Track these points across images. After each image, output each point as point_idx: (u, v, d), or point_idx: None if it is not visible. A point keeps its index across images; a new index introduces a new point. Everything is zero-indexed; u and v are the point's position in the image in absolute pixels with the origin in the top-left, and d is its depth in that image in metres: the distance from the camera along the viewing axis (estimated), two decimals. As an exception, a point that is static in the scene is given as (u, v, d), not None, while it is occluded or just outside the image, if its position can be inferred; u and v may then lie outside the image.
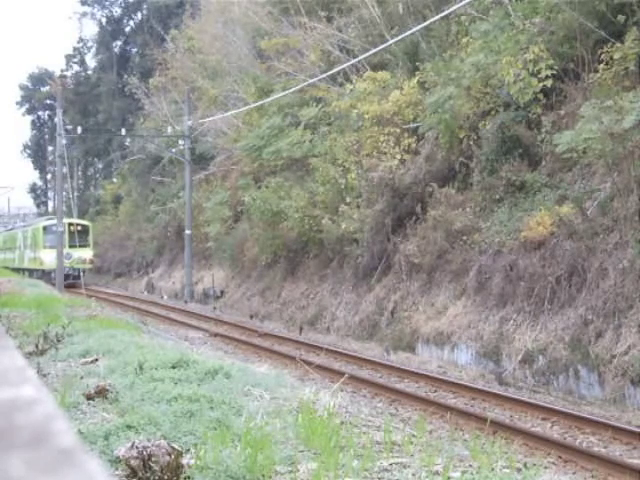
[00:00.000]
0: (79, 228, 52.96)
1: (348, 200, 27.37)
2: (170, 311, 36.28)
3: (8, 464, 1.03)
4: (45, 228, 54.61)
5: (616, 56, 18.65)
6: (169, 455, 6.05)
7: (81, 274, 49.28)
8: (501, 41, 21.64)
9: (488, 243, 20.83)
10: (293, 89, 32.01)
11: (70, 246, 50.25)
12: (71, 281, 49.73)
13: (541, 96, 20.99)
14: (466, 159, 23.76)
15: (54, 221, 51.44)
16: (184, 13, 57.77)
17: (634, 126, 16.45)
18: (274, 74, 37.31)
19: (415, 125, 26.50)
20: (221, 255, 39.44)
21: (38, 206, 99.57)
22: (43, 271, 53.28)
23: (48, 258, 51.68)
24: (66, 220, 51.09)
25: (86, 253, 53.10)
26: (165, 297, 44.77)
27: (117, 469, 6.14)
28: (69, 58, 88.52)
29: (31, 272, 56.10)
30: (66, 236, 49.22)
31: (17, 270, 60.99)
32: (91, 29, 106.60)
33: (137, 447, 6.08)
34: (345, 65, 29.53)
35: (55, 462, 1.04)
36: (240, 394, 8.99)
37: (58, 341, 13.86)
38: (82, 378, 10.55)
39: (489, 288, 20.06)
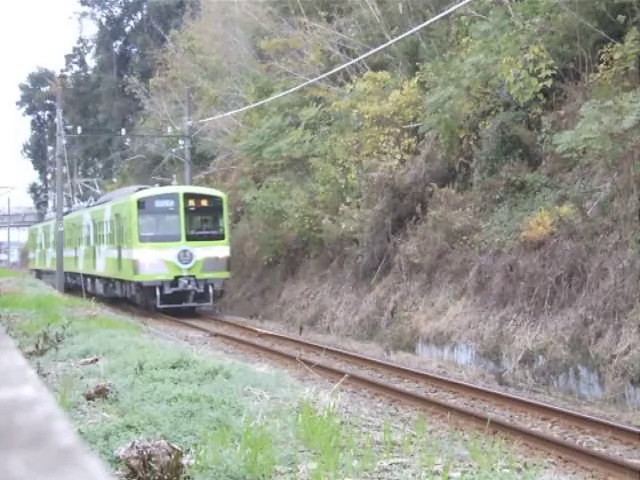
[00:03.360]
0: (204, 204, 31.66)
1: (348, 200, 27.37)
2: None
3: (8, 464, 1.03)
4: (141, 204, 31.26)
5: (616, 56, 18.64)
6: (169, 455, 6.05)
7: (211, 291, 30.62)
8: (501, 41, 21.64)
9: (488, 243, 20.83)
10: (293, 89, 32.01)
11: (189, 238, 30.54)
12: (191, 304, 30.89)
13: (541, 96, 20.98)
14: (466, 159, 23.76)
15: (157, 190, 33.74)
16: (184, 13, 57.77)
17: (634, 126, 16.45)
18: (274, 74, 37.31)
19: (415, 125, 26.49)
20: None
21: (38, 206, 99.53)
22: (140, 286, 31.07)
23: (149, 261, 30.26)
24: (179, 189, 32.49)
25: (219, 250, 30.95)
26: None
27: (117, 469, 6.14)
28: (69, 58, 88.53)
29: (109, 286, 35.80)
30: (180, 219, 30.67)
31: (76, 277, 42.28)
32: (91, 29, 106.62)
33: (137, 447, 6.08)
34: (345, 65, 29.53)
35: (55, 462, 1.04)
36: (240, 394, 8.99)
37: (58, 341, 13.86)
38: (82, 378, 10.55)
39: (489, 288, 20.05)
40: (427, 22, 24.32)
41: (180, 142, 42.86)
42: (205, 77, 46.07)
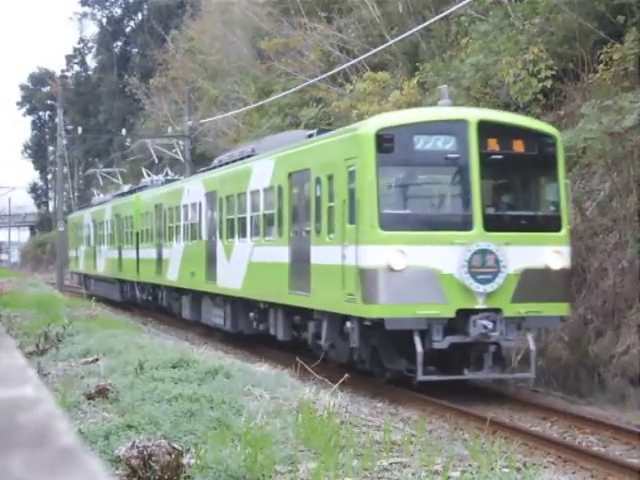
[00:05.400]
0: (520, 149, 14.96)
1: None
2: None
3: (9, 464, 1.04)
4: (385, 141, 14.15)
5: (615, 56, 18.65)
6: (169, 454, 6.07)
7: (532, 346, 14.37)
8: (501, 41, 21.65)
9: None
10: (293, 89, 32.02)
11: (490, 225, 14.44)
12: (486, 374, 14.60)
13: (541, 96, 20.99)
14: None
15: (417, 114, 16.20)
16: (184, 13, 57.76)
17: (634, 126, 16.46)
18: (274, 74, 37.31)
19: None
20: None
21: (39, 206, 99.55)
22: (374, 327, 14.34)
23: (403, 275, 13.96)
24: (467, 113, 15.16)
25: (551, 253, 14.67)
26: None
27: (117, 468, 6.15)
28: (69, 58, 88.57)
29: (261, 317, 19.64)
30: (472, 180, 14.42)
31: (143, 289, 30.51)
32: (91, 29, 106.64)
33: (137, 447, 6.10)
34: (345, 65, 29.53)
35: (55, 462, 1.05)
36: (240, 394, 9.00)
37: (59, 341, 13.88)
38: (82, 378, 10.57)
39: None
40: (427, 22, 24.32)
41: (180, 142, 42.87)
42: (205, 77, 46.08)
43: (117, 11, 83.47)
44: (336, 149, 15.56)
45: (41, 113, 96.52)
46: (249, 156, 20.99)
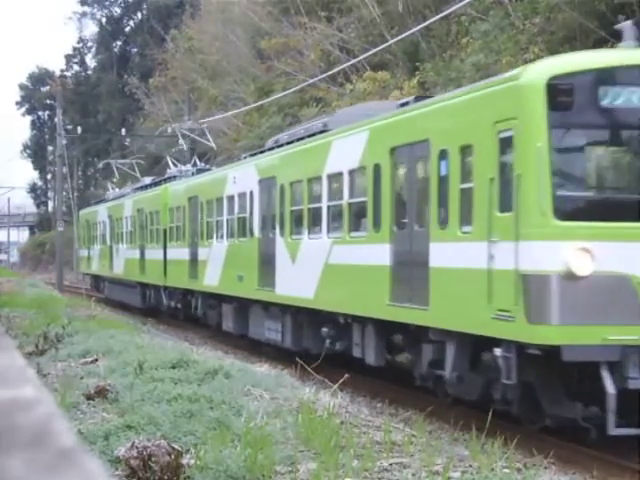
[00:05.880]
0: None
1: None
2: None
3: (8, 464, 1.03)
4: (560, 94, 10.05)
5: (616, 56, 18.67)
6: (169, 455, 6.05)
7: None
8: (501, 41, 21.66)
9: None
10: (293, 89, 32.02)
11: None
12: None
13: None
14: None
15: (606, 55, 12.23)
16: (184, 13, 57.79)
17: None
18: (274, 74, 37.32)
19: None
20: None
21: (38, 206, 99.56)
22: (548, 359, 10.18)
23: (591, 283, 9.90)
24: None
25: None
26: None
27: (117, 469, 6.14)
28: (69, 58, 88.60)
29: (387, 343, 14.40)
30: None
31: (175, 297, 26.20)
32: (91, 29, 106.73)
33: (137, 447, 6.08)
34: (345, 65, 29.53)
35: (55, 462, 1.04)
36: (240, 394, 8.99)
37: (58, 341, 13.87)
38: (82, 378, 10.56)
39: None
40: (427, 22, 24.31)
41: (180, 142, 42.86)
42: (205, 77, 46.09)
43: (116, 11, 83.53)
44: (477, 109, 11.47)
45: (40, 113, 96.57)
46: (321, 132, 16.58)
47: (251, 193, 19.46)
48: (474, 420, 10.65)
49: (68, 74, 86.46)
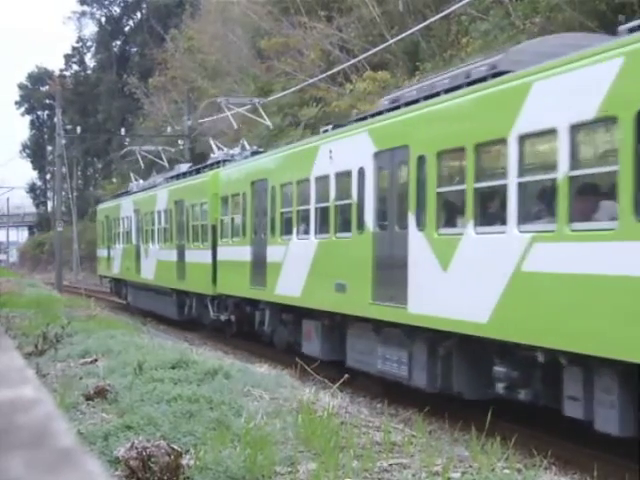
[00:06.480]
0: None
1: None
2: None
3: (8, 464, 1.02)
4: None
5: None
6: (168, 455, 6.04)
7: None
8: (501, 41, 21.66)
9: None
10: (293, 89, 32.02)
11: None
12: None
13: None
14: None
15: None
16: (184, 13, 57.81)
17: None
18: (274, 74, 37.33)
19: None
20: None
21: (37, 206, 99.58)
22: None
23: None
24: None
25: None
26: None
27: (117, 469, 6.13)
28: (68, 58, 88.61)
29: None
30: None
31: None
32: (90, 29, 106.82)
33: (137, 447, 6.07)
34: (345, 65, 29.53)
35: (54, 463, 1.04)
36: (240, 394, 8.98)
37: (57, 341, 13.86)
38: (81, 378, 10.55)
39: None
40: (427, 21, 24.31)
41: (179, 142, 42.88)
42: (205, 77, 46.10)
43: (116, 10, 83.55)
44: None
45: (40, 113, 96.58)
46: (493, 76, 11.34)
47: (361, 171, 14.51)
48: (474, 420, 10.64)
49: (67, 74, 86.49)
